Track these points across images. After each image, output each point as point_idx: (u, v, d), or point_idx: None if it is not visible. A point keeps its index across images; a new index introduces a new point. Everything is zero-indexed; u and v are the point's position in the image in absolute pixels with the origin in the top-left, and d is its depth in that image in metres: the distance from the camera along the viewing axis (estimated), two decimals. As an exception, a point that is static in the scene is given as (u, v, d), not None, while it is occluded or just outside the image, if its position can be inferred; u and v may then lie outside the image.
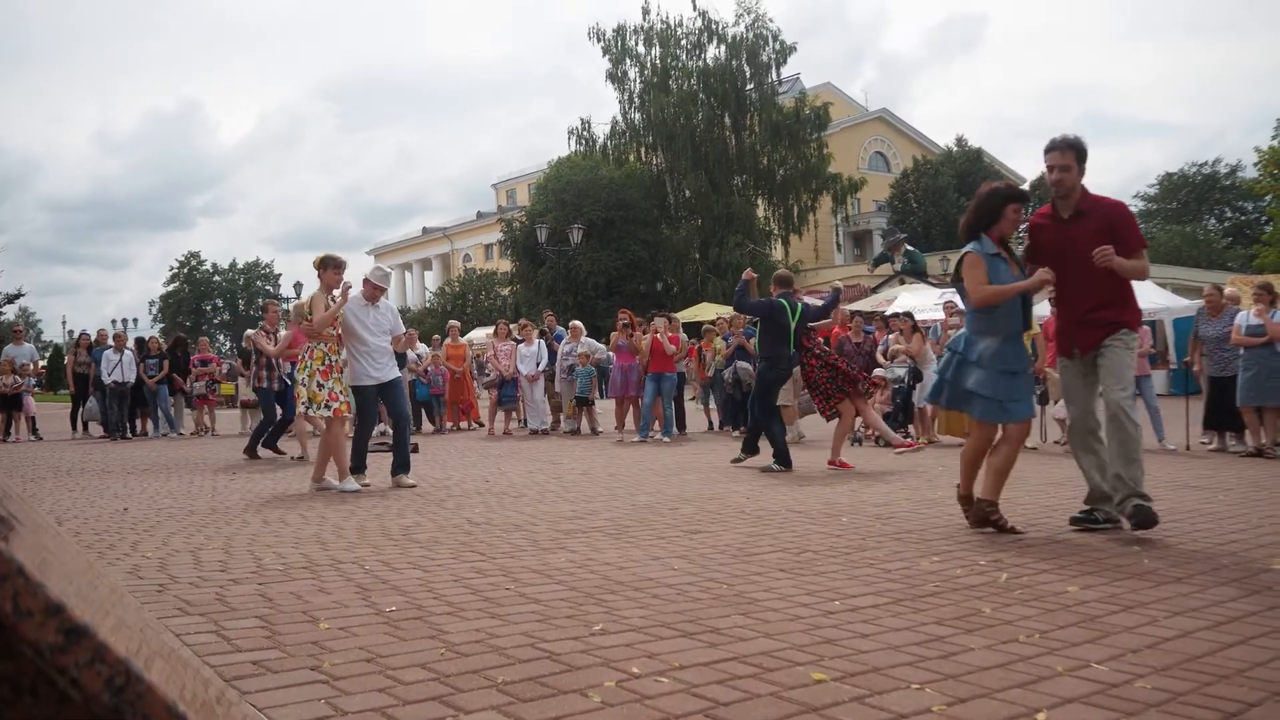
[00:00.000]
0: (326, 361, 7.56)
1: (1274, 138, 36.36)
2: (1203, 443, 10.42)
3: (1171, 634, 3.02)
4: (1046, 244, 5.16)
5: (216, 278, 77.45)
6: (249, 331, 14.54)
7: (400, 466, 7.75)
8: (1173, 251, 45.29)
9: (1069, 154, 5.03)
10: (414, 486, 7.55)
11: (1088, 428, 5.22)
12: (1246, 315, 9.65)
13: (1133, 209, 5.72)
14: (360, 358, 7.71)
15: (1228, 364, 9.77)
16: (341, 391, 7.60)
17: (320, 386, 7.51)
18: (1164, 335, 17.73)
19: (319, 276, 7.71)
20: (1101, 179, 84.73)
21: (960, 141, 53.80)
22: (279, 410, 11.53)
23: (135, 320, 59.34)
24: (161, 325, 68.78)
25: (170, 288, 75.32)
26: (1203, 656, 2.78)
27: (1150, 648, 2.87)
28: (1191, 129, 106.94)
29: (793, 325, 8.68)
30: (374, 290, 7.88)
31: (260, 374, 11.88)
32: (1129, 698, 2.43)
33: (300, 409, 8.02)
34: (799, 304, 8.88)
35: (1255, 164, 38.07)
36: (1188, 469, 8.10)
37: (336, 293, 7.61)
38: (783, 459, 8.48)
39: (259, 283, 77.92)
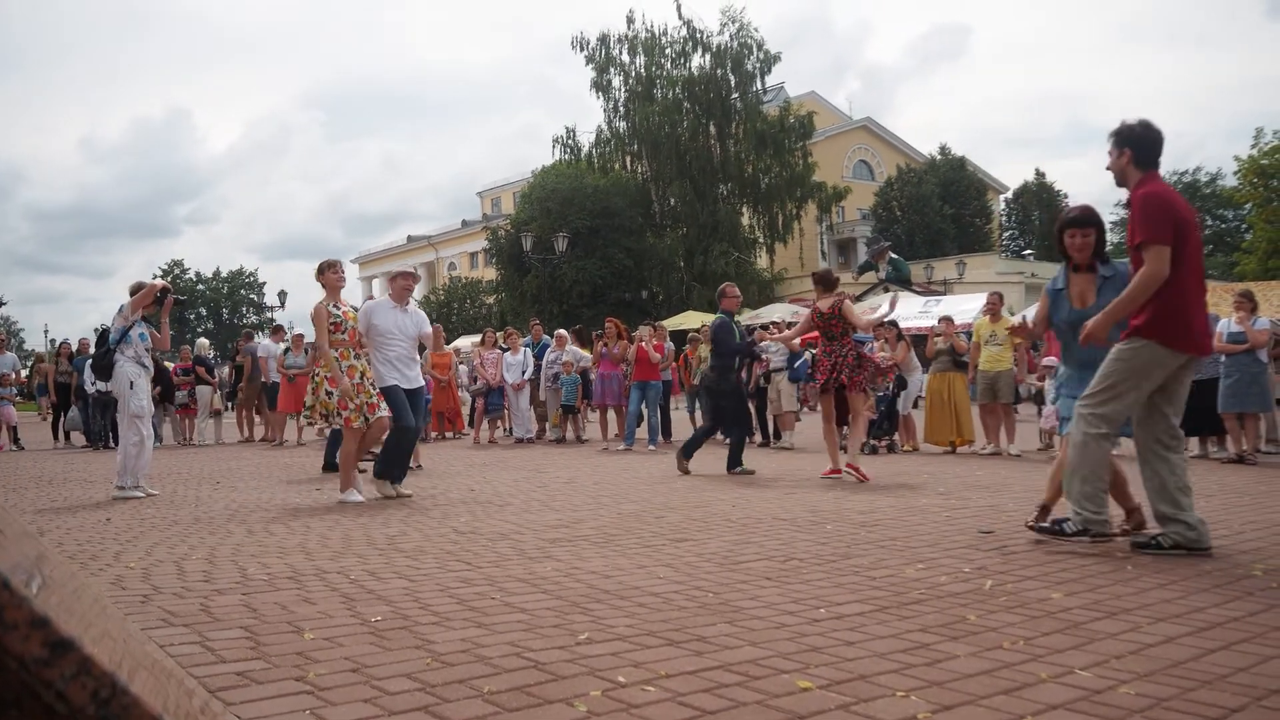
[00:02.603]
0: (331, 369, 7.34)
1: (1253, 147, 36.70)
2: None
3: (1155, 640, 3.04)
4: None
5: (200, 286, 76.97)
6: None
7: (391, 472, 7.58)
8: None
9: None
10: (395, 498, 7.39)
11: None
12: (1228, 323, 9.70)
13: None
14: (387, 362, 7.52)
15: (1203, 367, 9.76)
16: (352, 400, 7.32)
17: (330, 395, 7.31)
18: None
19: (321, 280, 7.61)
20: (1083, 188, 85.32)
21: (944, 150, 54.05)
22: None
23: (117, 329, 58.76)
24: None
25: (153, 296, 74.80)
26: (1186, 662, 2.80)
27: (1134, 654, 2.89)
28: (1172, 138, 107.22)
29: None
30: (403, 287, 7.77)
31: None
32: (1113, 704, 2.44)
33: (304, 422, 8.03)
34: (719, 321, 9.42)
35: (1235, 173, 38.47)
36: (1170, 475, 8.15)
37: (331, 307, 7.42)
38: (687, 450, 9.09)
39: (243, 291, 77.58)
